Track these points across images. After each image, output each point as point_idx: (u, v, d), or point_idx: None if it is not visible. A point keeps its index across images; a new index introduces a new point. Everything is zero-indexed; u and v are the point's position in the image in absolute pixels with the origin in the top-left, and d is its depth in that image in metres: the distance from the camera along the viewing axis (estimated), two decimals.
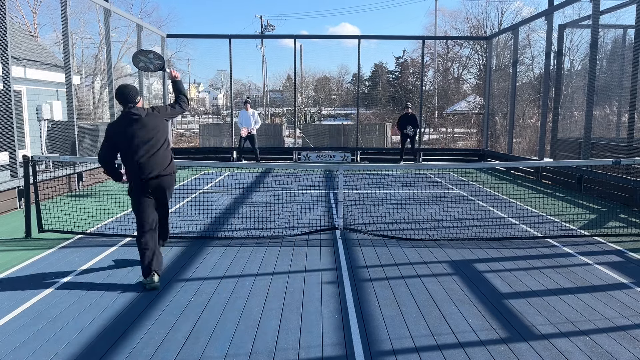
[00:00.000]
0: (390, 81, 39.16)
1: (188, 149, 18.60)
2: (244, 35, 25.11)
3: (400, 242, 5.87)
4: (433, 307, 3.92)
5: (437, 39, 29.21)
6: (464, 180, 11.29)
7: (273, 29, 42.55)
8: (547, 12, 11.47)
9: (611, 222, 7.07)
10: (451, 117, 29.36)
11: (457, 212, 7.65)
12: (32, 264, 4.96)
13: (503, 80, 16.73)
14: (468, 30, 33.05)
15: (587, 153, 9.54)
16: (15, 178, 7.81)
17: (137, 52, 5.12)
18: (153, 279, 4.27)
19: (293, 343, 3.32)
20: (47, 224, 6.21)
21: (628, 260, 5.20)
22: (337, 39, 72.11)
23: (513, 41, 13.66)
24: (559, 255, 5.36)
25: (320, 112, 39.34)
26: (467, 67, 34.15)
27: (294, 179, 10.65)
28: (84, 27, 29.64)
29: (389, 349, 3.25)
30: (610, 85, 13.98)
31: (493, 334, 3.47)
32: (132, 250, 5.45)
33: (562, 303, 4.02)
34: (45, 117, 10.94)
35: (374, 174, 11.83)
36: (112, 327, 3.53)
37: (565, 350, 3.24)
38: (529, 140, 17.92)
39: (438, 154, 16.27)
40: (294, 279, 4.53)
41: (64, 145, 10.11)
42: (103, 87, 29.56)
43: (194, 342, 3.34)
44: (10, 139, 7.90)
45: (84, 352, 3.18)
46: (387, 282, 4.50)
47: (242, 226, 6.58)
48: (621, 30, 13.18)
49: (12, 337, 3.39)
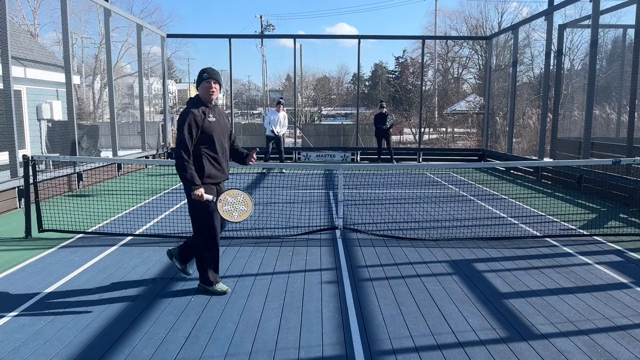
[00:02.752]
0: (390, 81, 39.17)
1: None
2: (244, 35, 25.09)
3: (400, 241, 5.88)
4: (433, 307, 3.92)
5: (437, 38, 29.21)
6: (464, 180, 11.29)
7: (273, 28, 42.59)
8: (547, 12, 11.47)
9: (611, 222, 7.07)
10: (451, 117, 29.37)
11: (457, 211, 7.65)
12: (32, 264, 4.96)
13: (503, 80, 16.72)
14: (468, 30, 33.07)
15: (587, 153, 9.54)
16: (15, 178, 7.81)
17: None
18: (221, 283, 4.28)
19: (293, 342, 3.32)
20: (47, 224, 6.22)
21: (628, 260, 5.20)
22: (337, 39, 72.16)
23: (513, 41, 13.66)
24: (558, 255, 5.36)
25: (320, 112, 39.35)
26: (467, 67, 34.19)
27: (294, 179, 10.65)
28: (84, 27, 29.67)
29: (389, 348, 3.25)
30: (610, 85, 13.97)
31: (493, 333, 3.47)
32: (132, 250, 5.46)
33: (562, 303, 4.02)
34: (45, 117, 10.95)
35: (373, 174, 11.83)
36: (112, 327, 3.53)
37: (565, 350, 3.24)
38: (529, 140, 17.92)
39: (438, 154, 16.28)
40: (294, 279, 4.53)
41: (64, 145, 10.12)
42: (103, 87, 29.57)
43: (194, 342, 3.34)
44: (10, 138, 7.89)
45: (84, 352, 3.18)
46: (387, 281, 4.50)
47: (242, 226, 6.58)
48: (621, 30, 13.18)
49: (12, 336, 3.39)
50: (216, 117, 4.08)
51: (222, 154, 4.11)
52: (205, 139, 3.99)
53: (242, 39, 26.89)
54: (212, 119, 4.03)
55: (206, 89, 4.02)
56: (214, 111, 4.08)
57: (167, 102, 15.90)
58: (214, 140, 4.02)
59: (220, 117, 4.16)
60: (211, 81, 4.02)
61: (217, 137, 4.04)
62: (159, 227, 6.53)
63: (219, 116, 4.14)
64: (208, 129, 3.98)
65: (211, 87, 4.02)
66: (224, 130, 4.18)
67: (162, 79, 15.31)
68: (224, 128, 4.18)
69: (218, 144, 4.05)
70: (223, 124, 4.16)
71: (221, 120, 4.15)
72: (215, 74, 4.06)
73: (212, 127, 4.01)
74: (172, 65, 44.74)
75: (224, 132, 4.18)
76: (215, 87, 4.03)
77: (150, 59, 23.86)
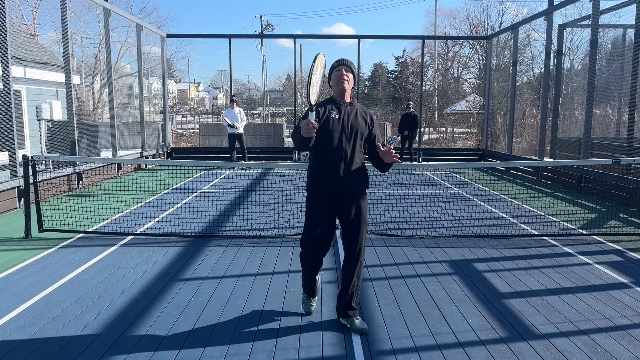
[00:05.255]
0: (390, 81, 39.14)
1: (188, 148, 18.59)
2: (244, 35, 25.10)
3: (400, 241, 5.88)
4: (433, 307, 3.92)
5: (437, 38, 29.21)
6: (464, 179, 11.29)
7: (273, 28, 42.60)
8: (547, 12, 11.47)
9: (611, 222, 7.07)
10: (451, 117, 29.35)
11: (457, 211, 7.65)
12: (32, 264, 4.96)
13: (503, 80, 16.73)
14: (468, 30, 33.06)
15: (587, 153, 9.55)
16: (15, 178, 7.80)
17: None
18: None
19: (293, 342, 3.32)
20: (47, 224, 6.22)
21: (628, 259, 5.20)
22: (335, 39, 72.16)
23: (513, 41, 13.66)
24: (558, 255, 5.36)
25: None
26: (467, 67, 34.17)
27: (294, 179, 10.65)
28: (84, 26, 29.65)
29: (389, 348, 3.25)
30: (610, 85, 13.97)
31: (493, 333, 3.47)
32: (132, 250, 5.46)
33: (562, 302, 4.02)
34: (45, 117, 10.95)
35: (373, 174, 11.82)
36: (112, 327, 3.53)
37: (565, 349, 3.24)
38: (529, 140, 17.93)
39: (438, 154, 16.27)
40: (294, 279, 4.53)
41: (63, 145, 10.12)
42: (103, 87, 29.55)
43: (194, 341, 3.34)
44: (10, 138, 7.89)
45: (83, 352, 3.18)
46: (387, 281, 4.50)
47: (242, 226, 6.58)
48: (621, 30, 13.18)
49: (12, 336, 3.39)
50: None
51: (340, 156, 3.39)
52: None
53: (242, 39, 26.88)
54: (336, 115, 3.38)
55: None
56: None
57: (167, 102, 15.89)
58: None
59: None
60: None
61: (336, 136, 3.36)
62: (159, 227, 6.52)
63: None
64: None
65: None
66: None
67: (162, 79, 15.31)
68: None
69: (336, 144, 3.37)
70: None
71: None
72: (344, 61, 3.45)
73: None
74: (172, 65, 44.73)
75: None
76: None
77: (150, 59, 23.86)
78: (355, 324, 3.48)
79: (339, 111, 3.38)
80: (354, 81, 3.42)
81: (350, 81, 3.37)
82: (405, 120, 14.04)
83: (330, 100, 3.45)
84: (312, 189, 3.49)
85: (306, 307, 3.78)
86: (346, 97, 3.41)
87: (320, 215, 3.47)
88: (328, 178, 3.38)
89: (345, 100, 3.42)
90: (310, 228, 3.50)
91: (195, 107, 51.91)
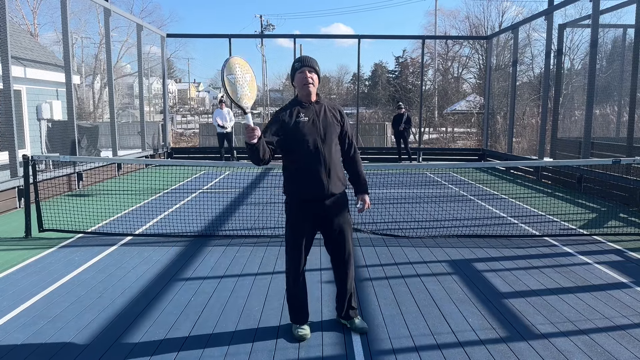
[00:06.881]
0: (390, 81, 39.13)
1: (188, 148, 18.59)
2: (244, 34, 25.07)
3: (400, 241, 5.87)
4: (433, 307, 3.92)
5: (437, 38, 29.19)
6: (464, 179, 11.29)
7: (273, 28, 42.60)
8: (547, 12, 11.47)
9: (611, 222, 7.07)
10: (451, 117, 29.35)
11: (457, 211, 7.65)
12: (32, 264, 4.96)
13: (503, 80, 16.72)
14: (468, 30, 33.05)
15: (587, 153, 9.54)
16: (15, 178, 7.81)
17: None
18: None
19: (293, 342, 3.32)
20: (47, 224, 6.22)
21: (628, 259, 5.20)
22: (334, 39, 72.17)
23: (513, 40, 13.66)
24: (558, 255, 5.36)
25: None
26: (467, 67, 34.14)
27: None
28: (84, 26, 29.65)
29: (389, 348, 3.25)
30: (610, 84, 13.97)
31: (493, 333, 3.47)
32: (132, 250, 5.46)
33: (562, 302, 4.02)
34: (45, 116, 10.94)
35: (373, 174, 11.82)
36: (112, 327, 3.53)
37: (565, 349, 3.24)
38: (529, 140, 17.92)
39: (438, 154, 16.26)
40: None
41: (63, 145, 10.12)
42: (103, 87, 29.56)
43: (194, 341, 3.34)
44: (10, 138, 7.90)
45: (83, 352, 3.18)
46: (386, 281, 4.50)
47: (242, 225, 6.58)
48: (621, 29, 13.17)
49: (12, 336, 3.39)
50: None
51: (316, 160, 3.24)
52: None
53: (242, 39, 26.87)
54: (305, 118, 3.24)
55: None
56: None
57: (167, 102, 15.89)
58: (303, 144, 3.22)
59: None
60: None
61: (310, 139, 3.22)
62: (158, 227, 6.53)
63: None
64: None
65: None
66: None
67: (162, 78, 15.31)
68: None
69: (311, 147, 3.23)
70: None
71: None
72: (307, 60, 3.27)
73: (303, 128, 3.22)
74: (172, 65, 44.76)
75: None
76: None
77: (150, 58, 23.85)
78: (355, 323, 3.47)
79: (307, 113, 3.23)
80: (318, 81, 3.27)
81: (315, 82, 3.23)
82: (398, 120, 14.36)
83: (295, 102, 3.29)
84: (292, 197, 3.31)
85: (297, 334, 3.37)
86: (312, 97, 3.27)
87: (303, 223, 3.30)
88: (310, 185, 3.22)
89: (312, 100, 3.28)
90: (293, 237, 3.31)
91: (195, 107, 51.93)
